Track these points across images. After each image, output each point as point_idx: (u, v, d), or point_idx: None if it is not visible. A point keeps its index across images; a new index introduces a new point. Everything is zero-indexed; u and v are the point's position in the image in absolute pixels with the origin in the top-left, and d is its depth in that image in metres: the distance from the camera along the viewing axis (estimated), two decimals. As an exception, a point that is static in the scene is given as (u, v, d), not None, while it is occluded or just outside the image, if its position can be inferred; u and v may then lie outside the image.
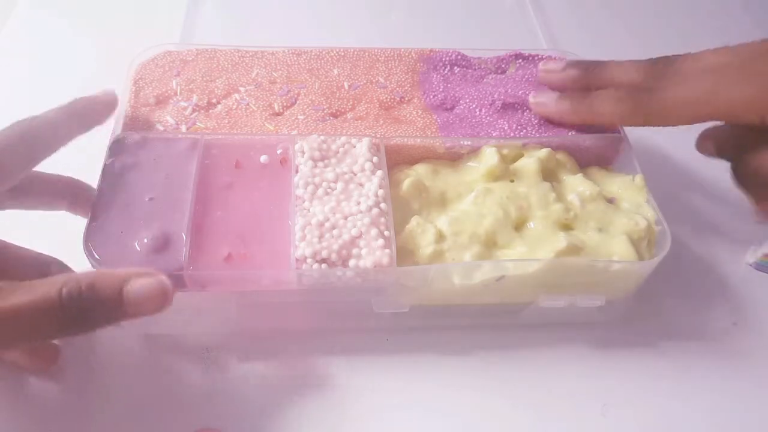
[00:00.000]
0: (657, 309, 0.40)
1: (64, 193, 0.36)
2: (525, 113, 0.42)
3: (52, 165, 0.34)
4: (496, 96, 0.42)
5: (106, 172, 0.35)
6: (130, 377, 0.35)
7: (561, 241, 0.35)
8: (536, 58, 0.46)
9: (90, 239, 0.32)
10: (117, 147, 0.36)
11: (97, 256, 0.32)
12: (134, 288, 0.27)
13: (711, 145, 0.39)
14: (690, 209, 0.45)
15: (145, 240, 0.33)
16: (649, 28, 0.61)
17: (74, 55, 0.52)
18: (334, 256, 0.33)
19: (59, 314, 0.26)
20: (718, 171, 0.48)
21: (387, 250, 0.33)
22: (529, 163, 0.39)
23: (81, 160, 0.35)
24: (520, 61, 0.46)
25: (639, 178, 0.40)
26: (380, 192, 0.35)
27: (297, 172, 0.37)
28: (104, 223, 0.33)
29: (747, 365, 0.38)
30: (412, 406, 0.35)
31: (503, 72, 0.46)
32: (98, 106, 0.35)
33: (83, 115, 0.35)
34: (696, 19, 0.62)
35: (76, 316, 0.27)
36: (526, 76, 0.44)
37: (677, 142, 0.50)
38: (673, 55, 0.38)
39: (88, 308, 0.27)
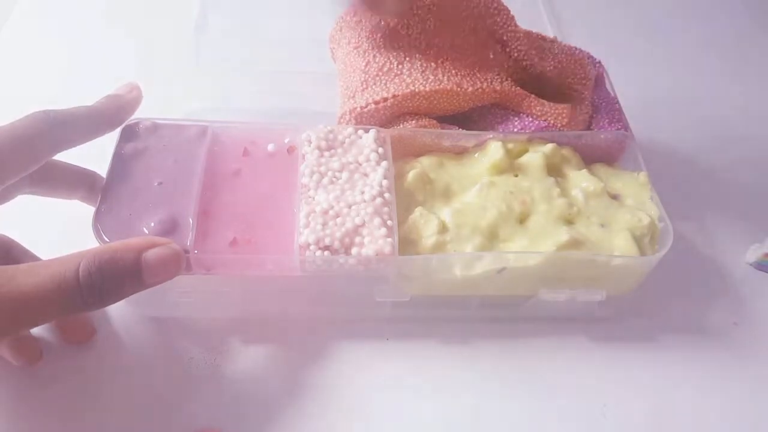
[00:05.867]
0: (657, 306, 0.40)
1: (81, 184, 0.37)
2: None
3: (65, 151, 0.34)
4: None
5: (117, 157, 0.36)
6: (130, 377, 0.35)
7: (563, 234, 0.35)
8: None
9: (99, 222, 0.33)
10: (128, 132, 0.37)
11: (106, 239, 0.33)
12: (151, 256, 0.29)
13: None
14: (692, 207, 0.46)
15: (153, 224, 0.33)
16: (653, 25, 0.61)
17: (77, 60, 0.52)
18: (336, 244, 0.33)
19: (78, 291, 0.27)
20: (722, 169, 0.48)
21: (389, 239, 0.34)
22: (534, 158, 0.39)
23: (92, 145, 0.35)
24: None
25: (643, 175, 0.40)
26: (384, 182, 0.36)
27: (303, 160, 0.37)
28: (113, 207, 0.34)
29: (747, 364, 0.38)
30: (412, 398, 0.35)
31: None
32: (125, 107, 0.36)
33: (110, 116, 0.36)
34: (697, 17, 0.63)
35: (95, 290, 0.27)
36: None
37: (682, 140, 0.50)
38: None
39: (107, 282, 0.28)
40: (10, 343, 0.33)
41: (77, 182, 0.36)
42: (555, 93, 0.43)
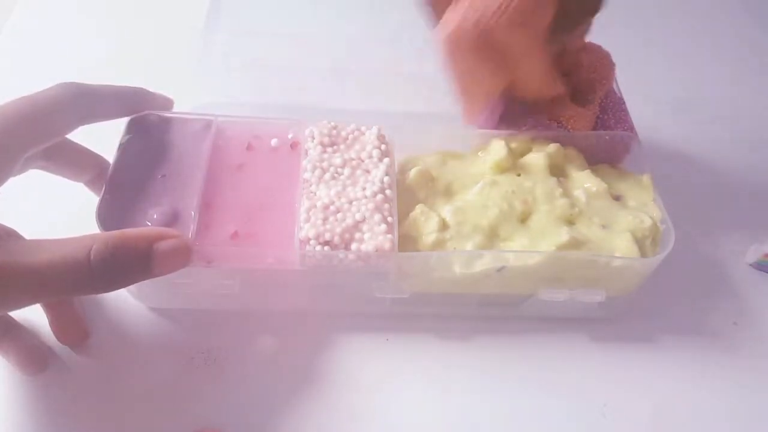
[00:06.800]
0: (657, 306, 0.40)
1: (90, 168, 0.37)
2: None
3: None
4: None
5: (122, 148, 0.36)
6: (129, 376, 0.35)
7: (563, 234, 0.35)
8: None
9: (103, 212, 0.33)
10: (134, 125, 0.37)
11: (109, 228, 0.33)
12: (163, 247, 0.29)
13: None
14: (691, 208, 0.45)
15: (155, 215, 0.34)
16: (658, 27, 0.61)
17: (82, 56, 0.52)
18: (336, 239, 0.34)
19: (88, 272, 0.27)
20: (722, 170, 0.48)
21: (389, 236, 0.34)
22: (537, 157, 0.39)
23: (98, 135, 0.36)
24: None
25: (647, 177, 0.40)
26: (386, 179, 0.36)
27: (306, 156, 0.37)
28: (117, 198, 0.34)
29: (747, 364, 0.38)
30: (410, 395, 0.35)
31: None
32: (153, 97, 0.38)
33: (137, 100, 0.37)
34: (702, 19, 0.62)
35: (105, 274, 0.28)
36: None
37: (682, 140, 0.50)
38: None
39: (117, 267, 0.28)
40: (17, 350, 0.34)
41: (87, 165, 0.37)
42: (573, 87, 0.43)
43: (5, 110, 0.31)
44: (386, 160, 0.37)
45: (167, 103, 0.39)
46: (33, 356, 0.34)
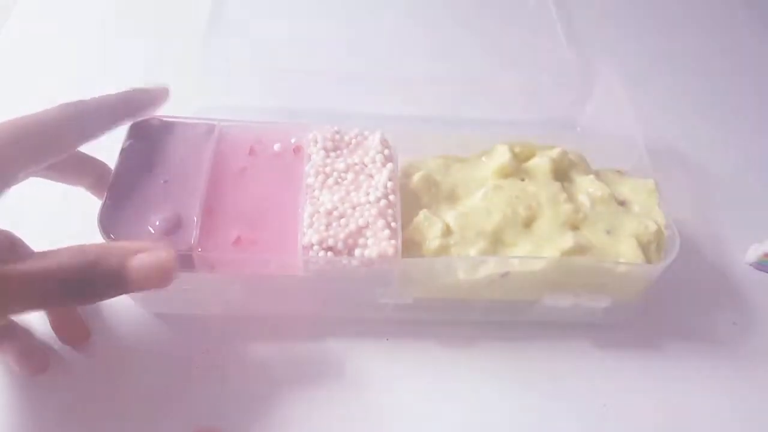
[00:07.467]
0: (658, 307, 0.40)
1: (90, 173, 0.37)
2: None
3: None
4: None
5: (124, 153, 0.36)
6: (130, 375, 0.35)
7: (568, 240, 0.35)
8: None
9: (105, 219, 0.33)
10: (136, 130, 0.37)
11: (111, 235, 0.33)
12: (137, 264, 0.28)
13: None
14: (690, 207, 0.45)
15: (158, 222, 0.33)
16: (658, 25, 0.61)
17: (82, 59, 0.52)
18: (340, 245, 0.33)
19: (59, 286, 0.27)
20: (721, 170, 0.48)
21: (393, 241, 0.34)
22: (541, 162, 0.39)
23: (100, 141, 0.35)
24: None
25: (651, 182, 0.39)
26: (389, 184, 0.36)
27: (309, 160, 0.37)
28: (119, 204, 0.34)
29: (747, 364, 0.38)
30: (412, 400, 0.35)
31: None
32: (151, 99, 0.37)
33: (134, 105, 0.36)
34: (698, 17, 0.62)
35: (74, 289, 0.27)
36: None
37: (681, 141, 0.50)
38: None
39: (91, 280, 0.27)
40: (17, 350, 0.33)
41: (87, 170, 0.37)
42: None
43: (5, 127, 0.30)
44: (389, 164, 0.37)
45: (162, 94, 0.37)
46: (33, 357, 0.34)
